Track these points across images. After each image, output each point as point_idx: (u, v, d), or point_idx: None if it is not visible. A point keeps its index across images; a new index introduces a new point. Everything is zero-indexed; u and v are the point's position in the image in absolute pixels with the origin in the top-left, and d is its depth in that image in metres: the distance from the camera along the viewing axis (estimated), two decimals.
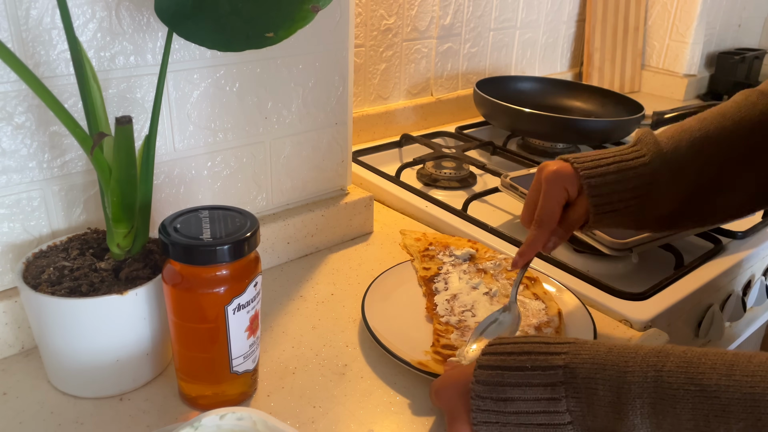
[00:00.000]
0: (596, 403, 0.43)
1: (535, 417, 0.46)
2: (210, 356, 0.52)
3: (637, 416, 0.42)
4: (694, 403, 0.40)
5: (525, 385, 0.46)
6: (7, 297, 0.58)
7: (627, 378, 0.43)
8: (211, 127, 0.68)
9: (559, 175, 0.61)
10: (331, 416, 0.55)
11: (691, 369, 0.41)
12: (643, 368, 0.43)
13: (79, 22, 0.57)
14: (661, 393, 0.41)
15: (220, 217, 0.52)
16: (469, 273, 0.74)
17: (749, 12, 1.75)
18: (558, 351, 0.46)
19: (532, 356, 0.47)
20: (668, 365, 0.42)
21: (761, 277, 0.93)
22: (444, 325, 0.65)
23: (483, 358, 0.49)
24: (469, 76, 1.35)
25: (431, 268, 0.74)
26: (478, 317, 0.66)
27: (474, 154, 1.15)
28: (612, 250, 0.75)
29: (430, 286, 0.71)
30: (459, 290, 0.70)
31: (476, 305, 0.68)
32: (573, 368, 0.45)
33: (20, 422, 0.53)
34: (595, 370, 0.44)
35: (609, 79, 1.59)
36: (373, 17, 1.12)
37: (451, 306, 0.68)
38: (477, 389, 0.48)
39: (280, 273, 0.76)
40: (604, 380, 0.43)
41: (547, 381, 0.45)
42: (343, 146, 0.82)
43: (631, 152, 0.62)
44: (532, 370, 0.46)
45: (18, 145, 0.56)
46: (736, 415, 0.39)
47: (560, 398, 0.45)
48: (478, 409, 0.48)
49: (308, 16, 0.49)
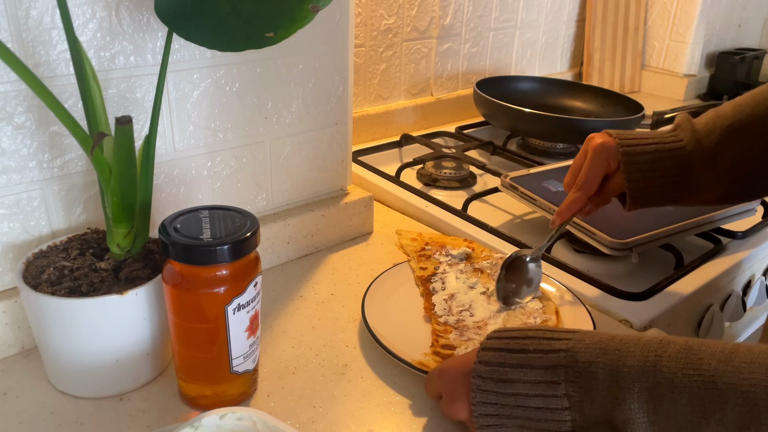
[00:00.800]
0: (594, 387, 0.44)
1: (534, 400, 0.46)
2: (210, 356, 0.52)
3: (634, 401, 0.42)
4: (691, 388, 0.40)
5: (526, 366, 0.46)
6: (7, 297, 0.58)
7: (627, 362, 0.43)
8: (211, 127, 0.68)
9: (604, 148, 0.66)
10: (331, 416, 0.55)
11: (691, 355, 0.41)
12: (644, 353, 0.43)
13: (79, 22, 0.57)
14: (660, 377, 0.41)
15: (220, 217, 0.52)
16: (465, 272, 0.74)
17: (749, 12, 1.75)
18: (561, 337, 0.47)
19: (535, 340, 0.48)
20: (669, 351, 0.42)
21: (761, 277, 0.93)
22: (443, 326, 0.65)
23: (487, 342, 0.50)
24: (469, 76, 1.35)
25: (428, 268, 0.74)
26: (476, 317, 0.66)
27: (474, 154, 1.15)
28: (612, 250, 0.75)
29: (427, 286, 0.71)
30: (456, 290, 0.70)
31: (474, 305, 0.68)
32: (575, 352, 0.45)
33: (20, 422, 0.53)
34: (596, 354, 0.44)
35: (609, 79, 1.59)
36: (373, 17, 1.12)
37: (449, 306, 0.68)
38: (479, 369, 0.48)
39: (280, 273, 0.77)
40: (604, 364, 0.44)
41: (548, 363, 0.46)
42: (343, 146, 0.82)
43: (669, 136, 0.66)
44: (533, 353, 0.47)
45: (18, 145, 0.56)
46: (732, 400, 0.38)
47: (559, 382, 0.45)
48: (478, 389, 0.48)
49: (308, 16, 0.49)
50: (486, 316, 0.67)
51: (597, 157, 0.66)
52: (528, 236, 0.85)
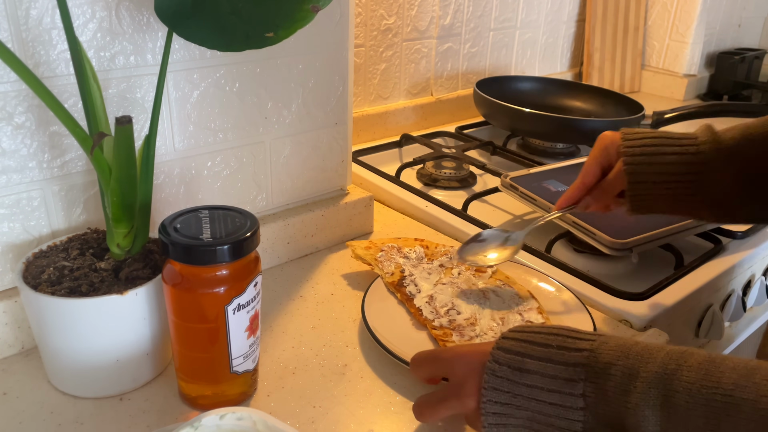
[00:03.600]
0: (611, 389, 0.43)
1: (549, 395, 0.45)
2: (210, 356, 0.52)
3: (648, 407, 0.41)
4: (707, 399, 0.39)
5: (547, 360, 0.46)
6: (7, 297, 0.58)
7: (647, 368, 0.42)
8: (211, 127, 0.68)
9: (607, 139, 0.67)
10: (331, 416, 0.55)
11: (712, 368, 0.41)
12: (665, 361, 0.42)
13: (79, 22, 0.57)
14: (677, 386, 0.41)
15: (220, 217, 0.52)
16: (432, 272, 0.73)
17: (749, 12, 1.75)
18: (586, 338, 0.46)
19: (559, 338, 0.47)
20: (690, 362, 0.42)
21: (761, 277, 0.93)
22: (440, 329, 0.64)
23: (509, 333, 0.49)
24: (469, 76, 1.35)
25: (394, 273, 0.72)
26: (464, 314, 0.66)
27: (474, 154, 1.15)
28: (612, 250, 0.75)
29: (403, 291, 0.70)
30: (432, 290, 0.70)
31: (455, 302, 0.68)
32: (597, 353, 0.45)
33: (20, 422, 0.53)
34: (617, 357, 0.44)
35: (609, 79, 1.59)
36: (373, 17, 1.12)
37: (435, 308, 0.67)
38: (496, 354, 0.47)
39: (280, 273, 0.77)
40: (624, 367, 0.43)
41: (569, 360, 0.45)
42: (343, 146, 0.82)
43: (683, 138, 0.63)
44: (557, 349, 0.46)
45: (18, 145, 0.56)
46: (748, 416, 0.38)
47: (578, 380, 0.44)
48: (493, 373, 0.47)
49: (308, 16, 0.49)
50: (472, 311, 0.67)
51: (596, 147, 0.68)
52: (528, 236, 0.84)
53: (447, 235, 0.87)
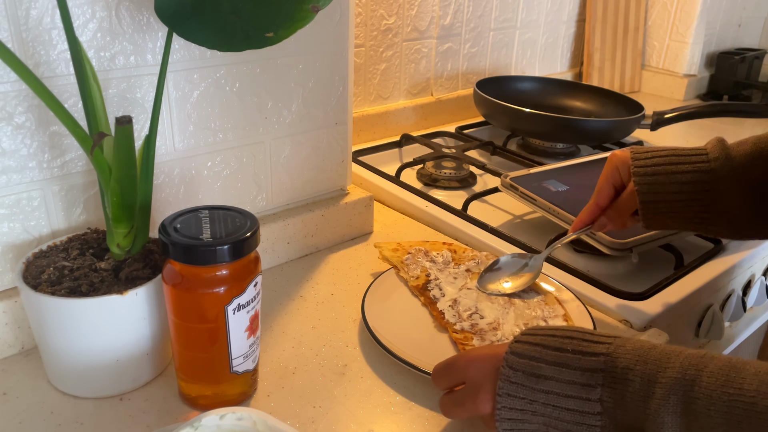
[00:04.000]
0: (630, 396, 0.43)
1: (566, 401, 0.44)
2: (210, 356, 0.52)
3: (668, 414, 0.41)
4: (729, 406, 0.39)
5: (563, 365, 0.45)
6: (7, 297, 0.58)
7: (667, 373, 0.42)
8: (211, 127, 0.68)
9: (617, 158, 0.66)
10: (331, 416, 0.55)
11: (733, 373, 0.40)
12: (684, 366, 0.42)
13: (79, 22, 0.57)
14: (698, 392, 0.40)
15: (220, 217, 0.52)
16: (458, 276, 0.73)
17: (749, 12, 1.75)
18: (602, 341, 0.46)
19: (575, 341, 0.46)
20: (710, 367, 0.41)
21: (761, 277, 0.93)
22: (461, 333, 0.64)
23: (523, 336, 0.48)
24: (469, 76, 1.35)
25: (420, 276, 0.73)
26: (488, 318, 0.66)
27: (474, 154, 1.15)
28: (612, 250, 0.75)
29: (427, 295, 0.70)
30: (456, 295, 0.70)
31: (480, 306, 0.68)
32: (614, 358, 0.44)
33: (20, 422, 0.53)
34: (635, 362, 0.43)
35: (609, 79, 1.59)
36: (373, 17, 1.12)
37: (458, 312, 0.67)
38: (510, 359, 0.47)
39: (280, 273, 0.77)
40: (643, 373, 0.43)
41: (586, 365, 0.44)
42: (343, 146, 0.82)
43: (693, 155, 0.62)
44: (572, 353, 0.45)
45: (18, 145, 0.56)
46: None
47: (596, 386, 0.44)
48: (507, 379, 0.46)
49: (308, 16, 0.49)
50: (496, 315, 0.66)
51: (608, 167, 0.66)
52: (528, 236, 0.85)
53: (447, 235, 0.87)
